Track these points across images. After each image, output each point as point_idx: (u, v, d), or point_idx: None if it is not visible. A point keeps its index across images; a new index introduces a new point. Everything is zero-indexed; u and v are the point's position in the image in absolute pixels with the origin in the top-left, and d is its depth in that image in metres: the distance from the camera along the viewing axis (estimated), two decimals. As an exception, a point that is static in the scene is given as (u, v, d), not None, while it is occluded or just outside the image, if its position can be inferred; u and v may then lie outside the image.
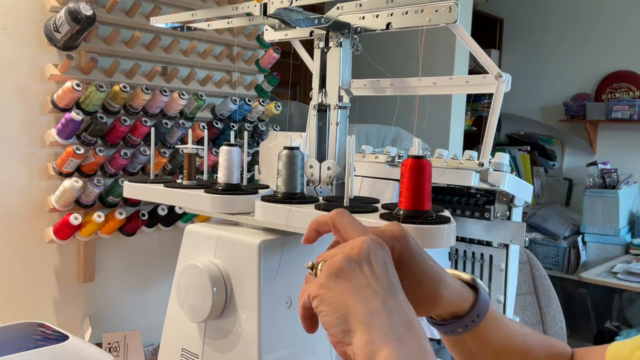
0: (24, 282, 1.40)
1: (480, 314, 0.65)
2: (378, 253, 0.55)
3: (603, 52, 3.89)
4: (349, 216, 0.60)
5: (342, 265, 0.54)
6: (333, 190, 1.01)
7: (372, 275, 0.54)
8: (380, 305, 0.52)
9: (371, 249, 0.55)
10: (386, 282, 0.54)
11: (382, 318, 0.51)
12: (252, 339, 0.93)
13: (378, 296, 0.53)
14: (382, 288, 0.53)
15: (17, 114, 1.35)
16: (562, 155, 4.06)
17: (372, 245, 0.55)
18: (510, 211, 1.09)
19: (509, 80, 0.95)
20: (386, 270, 0.55)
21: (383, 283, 0.54)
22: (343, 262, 0.54)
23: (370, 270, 0.54)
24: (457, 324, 0.64)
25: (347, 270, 0.54)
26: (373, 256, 0.55)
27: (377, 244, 0.56)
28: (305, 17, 1.02)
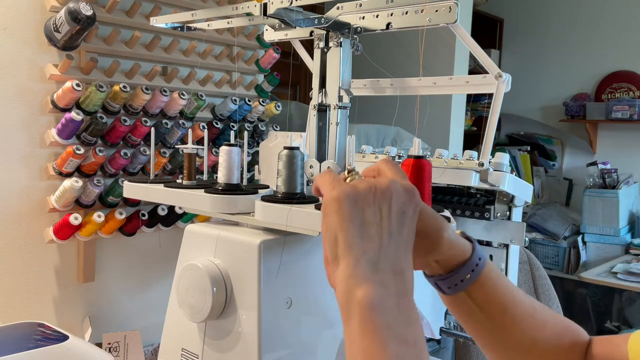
0: (24, 282, 1.40)
1: (480, 259, 0.65)
2: (401, 200, 0.55)
3: (603, 52, 3.89)
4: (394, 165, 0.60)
5: (364, 193, 0.54)
6: (333, 190, 1.01)
7: (386, 218, 0.54)
8: (377, 248, 0.52)
9: (399, 194, 0.55)
10: (396, 231, 0.54)
11: (372, 259, 0.52)
12: (252, 339, 0.93)
13: (379, 239, 0.53)
14: (387, 234, 0.53)
15: (17, 114, 1.35)
16: (562, 155, 4.06)
17: (401, 191, 0.55)
18: (510, 211, 1.09)
19: (509, 80, 0.95)
20: (401, 220, 0.54)
21: (392, 230, 0.54)
22: (366, 191, 0.54)
23: (387, 213, 0.54)
24: (460, 273, 0.64)
25: (366, 202, 0.54)
26: (396, 201, 0.54)
27: (407, 193, 0.55)
28: (305, 17, 1.02)
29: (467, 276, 0.64)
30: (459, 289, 0.64)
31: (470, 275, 0.64)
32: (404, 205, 0.55)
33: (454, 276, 0.64)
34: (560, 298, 2.33)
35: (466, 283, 0.64)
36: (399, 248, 0.54)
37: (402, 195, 0.56)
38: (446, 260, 0.64)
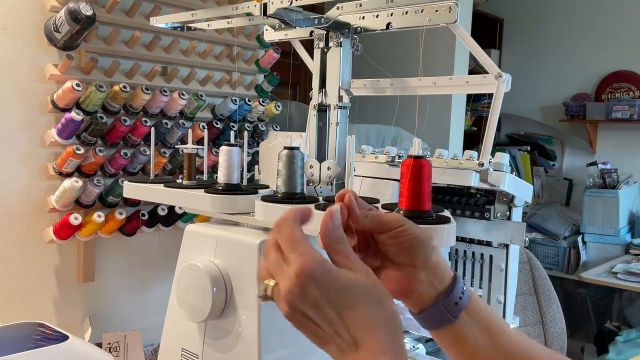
0: (24, 282, 1.40)
1: (464, 284, 0.66)
2: (304, 303, 0.56)
3: (603, 52, 3.89)
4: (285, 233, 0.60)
5: (290, 320, 0.58)
6: (333, 190, 1.01)
7: (316, 325, 0.57)
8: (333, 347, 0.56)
9: (297, 302, 0.56)
10: (327, 326, 0.56)
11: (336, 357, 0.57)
12: (252, 339, 0.93)
13: (327, 341, 0.57)
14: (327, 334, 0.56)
15: (17, 114, 1.35)
16: (562, 155, 4.06)
17: (296, 299, 0.56)
18: (510, 211, 1.09)
19: (509, 80, 0.95)
20: (321, 314, 0.56)
21: (326, 329, 0.56)
22: (289, 319, 0.58)
23: (310, 321, 0.57)
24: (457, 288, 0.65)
25: (297, 324, 0.58)
26: (303, 307, 0.56)
27: (300, 293, 0.56)
28: (305, 17, 1.02)
29: (463, 288, 0.66)
30: (463, 303, 0.65)
31: (465, 287, 0.66)
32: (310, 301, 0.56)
33: (455, 288, 0.65)
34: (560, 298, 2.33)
35: (466, 296, 0.66)
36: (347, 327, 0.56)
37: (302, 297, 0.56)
38: (442, 267, 0.66)
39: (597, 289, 3.47)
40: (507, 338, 0.67)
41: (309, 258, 0.56)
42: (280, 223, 0.60)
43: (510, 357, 0.66)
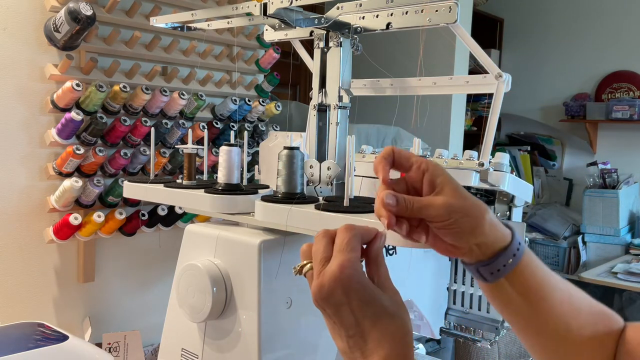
0: (24, 282, 1.40)
1: (520, 244, 0.65)
2: (328, 303, 0.59)
3: (603, 52, 3.89)
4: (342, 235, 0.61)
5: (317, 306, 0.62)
6: (333, 190, 1.01)
7: (334, 323, 0.60)
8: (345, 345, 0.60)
9: (322, 300, 0.59)
10: (344, 329, 0.60)
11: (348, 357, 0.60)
12: (252, 339, 0.93)
13: (342, 339, 0.60)
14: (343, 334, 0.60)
15: (17, 114, 1.35)
16: (562, 155, 4.06)
17: (322, 297, 0.59)
18: (510, 211, 1.09)
19: (509, 80, 0.95)
20: (340, 317, 0.59)
21: (341, 330, 0.60)
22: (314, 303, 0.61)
23: (330, 318, 0.61)
24: (501, 258, 0.64)
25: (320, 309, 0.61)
26: (326, 306, 0.60)
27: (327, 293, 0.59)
28: (305, 17, 1.02)
29: (508, 261, 0.64)
30: (500, 274, 0.65)
31: (511, 260, 0.64)
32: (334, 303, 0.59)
33: (495, 261, 0.64)
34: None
35: (508, 268, 0.65)
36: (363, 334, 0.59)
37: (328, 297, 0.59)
38: (488, 244, 0.64)
39: (597, 289, 3.46)
40: (545, 304, 0.66)
41: (348, 266, 0.59)
42: (352, 227, 0.62)
43: (547, 323, 0.67)
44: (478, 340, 1.18)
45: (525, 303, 0.66)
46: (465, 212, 0.62)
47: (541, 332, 0.67)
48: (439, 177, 0.64)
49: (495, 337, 1.15)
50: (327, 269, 0.59)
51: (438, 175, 0.64)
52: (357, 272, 0.59)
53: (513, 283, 0.66)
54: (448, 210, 0.62)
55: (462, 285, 1.18)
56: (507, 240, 0.65)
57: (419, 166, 0.64)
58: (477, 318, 1.17)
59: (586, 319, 0.68)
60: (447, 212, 0.62)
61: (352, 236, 0.60)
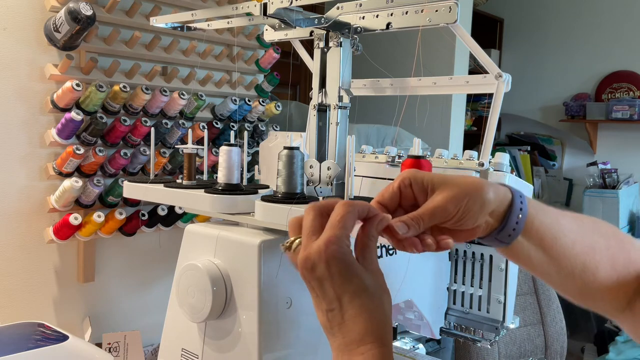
0: (24, 282, 1.40)
1: (521, 197, 0.66)
2: (311, 275, 0.61)
3: (603, 52, 3.89)
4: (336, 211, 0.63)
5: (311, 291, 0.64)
6: (333, 190, 1.01)
7: (317, 296, 0.63)
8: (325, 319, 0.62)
9: (306, 272, 0.62)
10: (325, 302, 0.62)
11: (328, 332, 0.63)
12: (252, 339, 0.93)
13: (323, 313, 0.62)
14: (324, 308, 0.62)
15: (17, 114, 1.35)
16: (562, 155, 4.06)
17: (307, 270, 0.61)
18: (510, 211, 1.09)
19: (509, 80, 0.95)
20: (322, 290, 0.61)
21: (323, 304, 0.62)
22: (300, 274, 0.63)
23: (313, 291, 0.63)
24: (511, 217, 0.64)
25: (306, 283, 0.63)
26: (309, 278, 0.62)
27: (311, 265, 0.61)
28: (305, 17, 1.02)
29: (518, 217, 0.65)
30: (517, 233, 0.65)
31: (520, 214, 0.65)
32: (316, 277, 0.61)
33: (508, 223, 0.65)
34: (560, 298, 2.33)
35: (520, 225, 0.65)
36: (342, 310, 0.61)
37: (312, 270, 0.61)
38: (497, 210, 0.65)
39: (597, 289, 3.46)
40: (560, 247, 0.67)
41: (335, 241, 0.60)
42: (351, 203, 0.63)
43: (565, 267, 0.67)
44: (478, 340, 1.18)
45: (543, 253, 0.67)
46: (467, 194, 0.63)
47: (563, 277, 0.68)
48: (424, 179, 0.65)
49: (495, 337, 1.15)
50: (314, 242, 0.61)
51: (422, 179, 0.65)
52: (342, 249, 0.60)
53: (528, 238, 0.66)
54: (453, 203, 0.63)
55: (462, 285, 1.18)
56: (508, 198, 0.65)
57: (403, 182, 0.66)
58: (477, 318, 1.17)
59: (601, 257, 0.68)
60: (453, 205, 0.63)
61: (346, 212, 0.61)
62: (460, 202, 0.62)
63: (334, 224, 0.61)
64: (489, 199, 0.64)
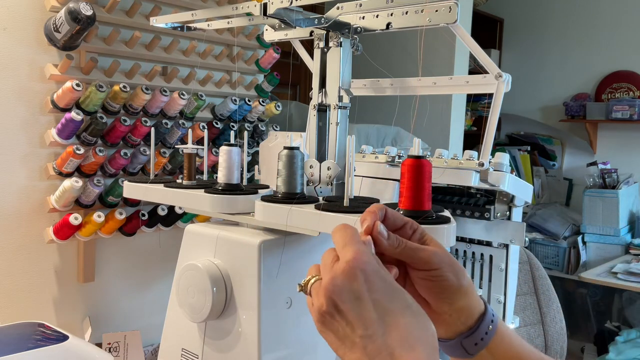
0: (24, 282, 1.40)
1: (492, 310, 0.65)
2: (344, 295, 0.53)
3: (603, 52, 3.89)
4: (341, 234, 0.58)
5: (319, 319, 0.55)
6: (333, 190, 1.01)
7: (347, 325, 0.53)
8: (360, 354, 0.52)
9: (336, 294, 0.53)
10: (361, 328, 0.52)
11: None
12: (252, 339, 0.93)
13: (357, 346, 0.52)
14: (358, 336, 0.52)
15: (17, 114, 1.35)
16: (562, 155, 4.06)
17: (336, 289, 0.53)
18: (510, 211, 1.09)
19: (509, 80, 0.95)
20: (359, 312, 0.52)
21: (358, 330, 0.52)
22: (318, 317, 0.55)
23: (343, 319, 0.53)
24: (482, 325, 0.64)
25: (325, 323, 0.54)
26: (340, 301, 0.53)
27: (343, 282, 0.53)
28: (305, 17, 1.02)
29: (489, 327, 0.64)
30: (484, 343, 0.64)
31: (491, 326, 0.64)
32: (350, 295, 0.53)
33: (478, 329, 0.63)
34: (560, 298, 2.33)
35: (489, 336, 0.64)
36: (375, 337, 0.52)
37: (342, 290, 0.53)
38: (468, 310, 0.64)
39: (597, 289, 3.47)
40: None
41: (364, 252, 0.54)
42: (340, 226, 0.59)
43: None
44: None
45: None
46: (452, 266, 0.62)
47: None
48: (427, 235, 0.64)
49: (495, 337, 1.14)
50: (338, 263, 0.54)
51: (426, 234, 0.65)
52: (374, 260, 0.54)
53: (494, 353, 0.64)
54: (438, 259, 0.61)
55: (462, 285, 1.18)
56: (482, 306, 0.64)
57: (411, 225, 0.64)
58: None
59: None
60: (437, 260, 0.61)
61: (354, 232, 0.58)
62: (443, 264, 0.61)
63: (349, 240, 0.56)
64: (465, 290, 0.62)
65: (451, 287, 0.62)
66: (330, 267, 0.55)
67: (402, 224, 0.64)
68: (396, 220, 0.64)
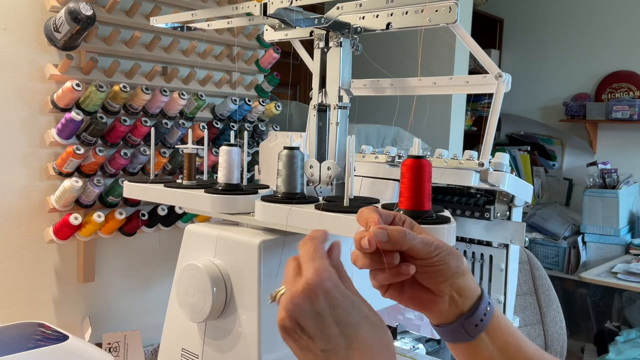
0: (24, 282, 1.40)
1: (490, 304, 0.66)
2: (305, 314, 0.55)
3: (603, 52, 3.89)
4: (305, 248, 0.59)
5: (282, 332, 0.57)
6: (333, 190, 1.01)
7: (309, 339, 0.55)
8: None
9: (296, 313, 0.55)
10: (323, 342, 0.55)
11: None
12: (252, 339, 0.93)
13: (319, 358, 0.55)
14: (319, 350, 0.55)
15: (17, 114, 1.35)
16: (562, 155, 4.06)
17: (296, 308, 0.55)
18: (510, 211, 1.09)
19: (509, 80, 0.95)
20: (320, 327, 0.55)
21: (320, 344, 0.55)
22: (281, 331, 0.57)
23: (304, 334, 0.55)
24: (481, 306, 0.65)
25: (288, 337, 0.57)
26: (301, 319, 0.55)
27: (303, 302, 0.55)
28: (305, 17, 1.02)
29: (487, 309, 0.65)
30: (483, 325, 0.65)
31: (489, 308, 0.65)
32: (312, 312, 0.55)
33: (477, 311, 0.65)
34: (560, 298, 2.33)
35: (488, 318, 0.65)
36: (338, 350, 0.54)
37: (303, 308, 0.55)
38: (467, 291, 0.65)
39: (597, 289, 3.47)
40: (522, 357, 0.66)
41: (324, 270, 0.56)
42: (306, 239, 0.60)
43: None
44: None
45: (504, 358, 0.66)
46: (449, 250, 0.64)
47: None
48: (416, 225, 0.67)
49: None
50: (299, 281, 0.56)
51: (415, 224, 0.67)
52: (334, 276, 0.56)
53: (492, 337, 0.66)
54: (435, 245, 0.63)
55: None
56: (479, 289, 0.66)
57: (400, 217, 0.66)
58: (477, 318, 1.16)
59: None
60: (435, 246, 0.63)
61: (317, 245, 0.59)
62: (441, 250, 0.63)
63: (310, 256, 0.57)
64: (462, 272, 0.64)
65: (451, 270, 0.64)
66: (292, 282, 0.57)
67: (391, 219, 0.66)
68: (386, 217, 0.66)
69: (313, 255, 0.58)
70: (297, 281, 0.56)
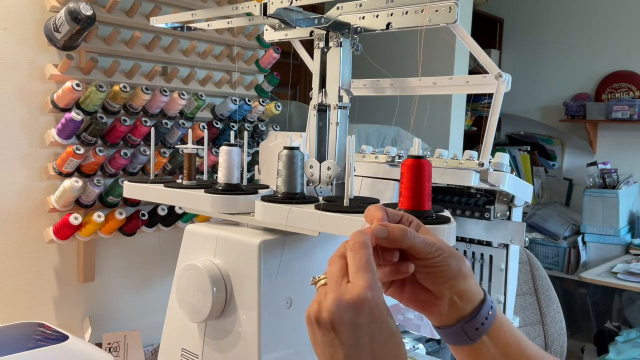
0: (24, 282, 1.40)
1: (493, 305, 0.66)
2: (345, 323, 0.56)
3: (603, 52, 3.89)
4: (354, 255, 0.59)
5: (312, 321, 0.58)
6: (333, 190, 1.01)
7: (337, 340, 0.56)
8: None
9: (337, 318, 0.56)
10: (353, 349, 0.56)
11: None
12: (252, 339, 0.93)
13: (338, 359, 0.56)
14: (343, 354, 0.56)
15: (17, 114, 1.35)
16: (562, 155, 4.06)
17: (339, 314, 0.56)
18: (510, 211, 1.09)
19: (509, 80, 0.95)
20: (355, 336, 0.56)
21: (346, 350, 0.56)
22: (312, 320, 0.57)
23: (337, 337, 0.56)
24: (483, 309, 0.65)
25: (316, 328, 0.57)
26: (339, 323, 0.56)
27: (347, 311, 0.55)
28: (305, 17, 1.02)
29: (489, 312, 0.65)
30: (484, 329, 0.65)
31: (490, 311, 0.65)
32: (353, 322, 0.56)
33: (479, 314, 0.64)
34: (560, 298, 2.33)
35: (490, 321, 0.65)
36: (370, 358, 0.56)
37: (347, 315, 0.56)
38: (468, 294, 0.65)
39: (597, 289, 3.47)
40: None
41: (374, 285, 0.57)
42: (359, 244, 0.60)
43: None
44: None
45: None
46: (451, 252, 0.64)
47: None
48: (422, 226, 0.66)
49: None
50: (351, 287, 0.57)
51: (422, 225, 0.67)
52: (380, 294, 0.57)
53: (495, 340, 0.66)
54: (437, 246, 0.63)
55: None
56: (481, 293, 0.66)
57: (407, 218, 0.66)
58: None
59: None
60: (436, 247, 0.63)
61: (369, 256, 0.59)
62: (443, 251, 0.63)
63: (364, 266, 0.58)
64: (464, 275, 0.64)
65: (451, 272, 0.64)
66: (337, 284, 0.57)
67: (398, 219, 0.66)
68: (394, 217, 0.66)
69: (366, 266, 0.58)
70: (344, 284, 0.57)
